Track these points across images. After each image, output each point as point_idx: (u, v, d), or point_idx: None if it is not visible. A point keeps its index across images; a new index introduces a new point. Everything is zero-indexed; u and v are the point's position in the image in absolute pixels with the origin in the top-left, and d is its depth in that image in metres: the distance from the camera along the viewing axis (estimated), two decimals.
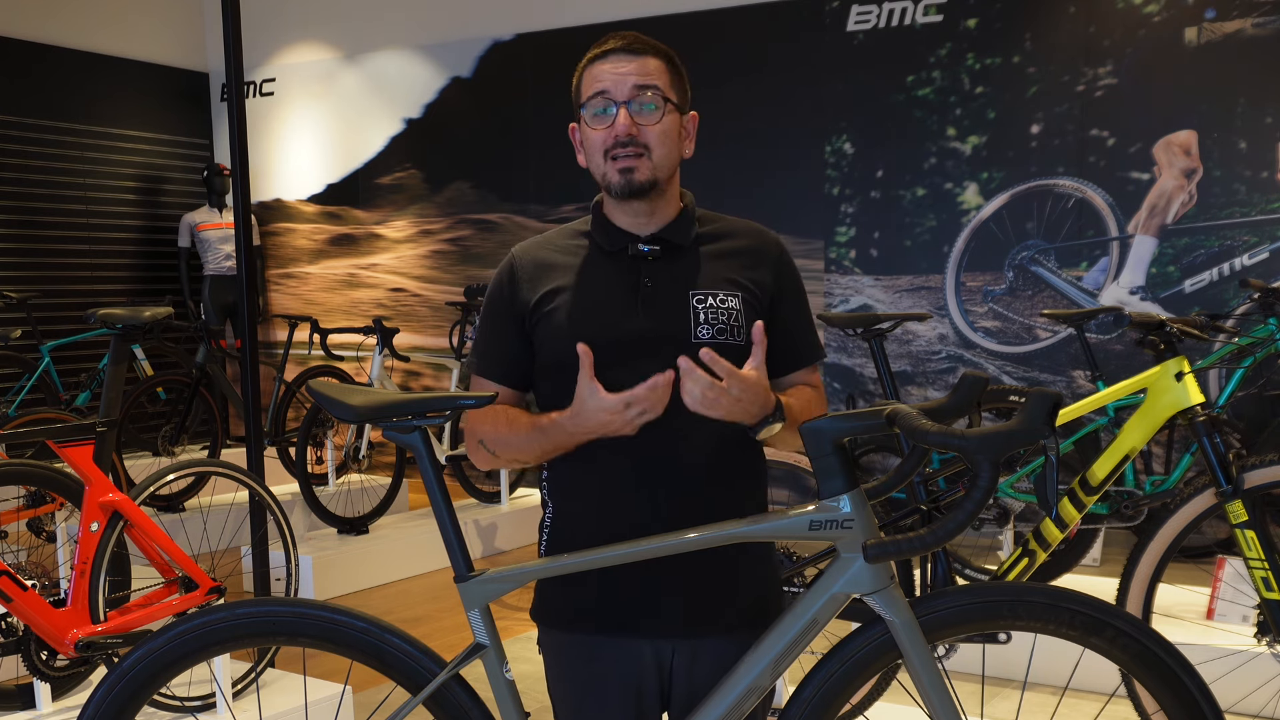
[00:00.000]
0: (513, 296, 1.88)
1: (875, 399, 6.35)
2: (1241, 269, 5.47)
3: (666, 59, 1.87)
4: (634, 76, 1.81)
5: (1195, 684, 1.61)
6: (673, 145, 1.85)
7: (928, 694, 1.66)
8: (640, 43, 1.85)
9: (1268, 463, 3.03)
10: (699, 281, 1.85)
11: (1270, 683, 3.50)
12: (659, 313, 1.82)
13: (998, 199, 6.01)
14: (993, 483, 1.46)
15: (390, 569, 5.77)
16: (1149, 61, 5.62)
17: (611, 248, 1.87)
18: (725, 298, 1.84)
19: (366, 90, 8.16)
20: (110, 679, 1.73)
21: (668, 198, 1.88)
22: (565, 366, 1.77)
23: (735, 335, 1.84)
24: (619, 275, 1.85)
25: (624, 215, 1.87)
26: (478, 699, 1.75)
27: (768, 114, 6.56)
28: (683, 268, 1.86)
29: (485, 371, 1.92)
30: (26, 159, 7.68)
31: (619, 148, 1.80)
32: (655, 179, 1.82)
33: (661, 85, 1.83)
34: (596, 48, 1.86)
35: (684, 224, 1.89)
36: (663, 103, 1.83)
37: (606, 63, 1.82)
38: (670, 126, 1.84)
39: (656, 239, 1.86)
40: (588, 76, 1.84)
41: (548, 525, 1.91)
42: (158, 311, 3.44)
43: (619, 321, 1.81)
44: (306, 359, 7.93)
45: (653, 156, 1.81)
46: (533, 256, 1.90)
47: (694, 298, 1.83)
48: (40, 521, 5.35)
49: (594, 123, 1.82)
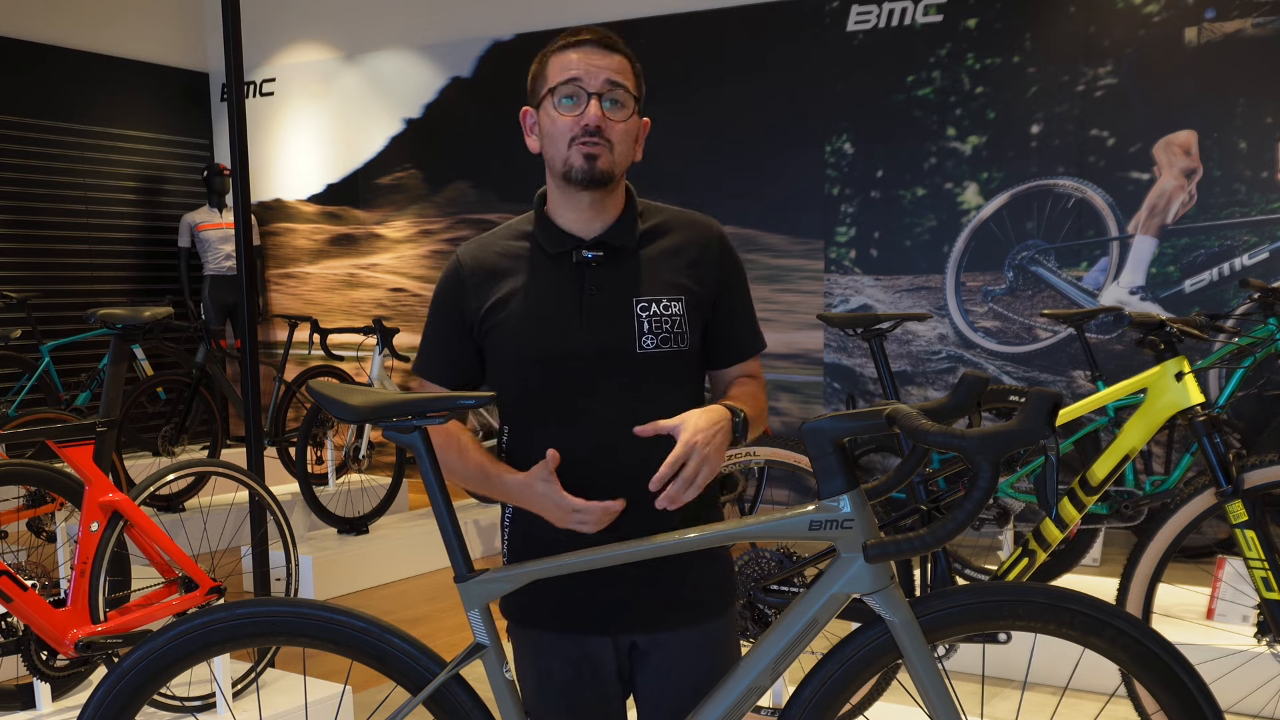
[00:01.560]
0: (460, 303, 1.90)
1: (875, 399, 6.35)
2: (1241, 269, 5.47)
3: (632, 61, 1.88)
4: (607, 72, 1.82)
5: (1195, 684, 1.61)
6: (630, 144, 1.87)
7: (928, 694, 1.66)
8: (612, 40, 1.86)
9: (1268, 463, 3.03)
10: (642, 288, 1.86)
11: (1270, 683, 3.50)
12: (604, 324, 1.84)
13: (998, 199, 6.01)
14: (993, 483, 1.46)
15: (390, 569, 5.77)
16: (1149, 61, 5.61)
17: (554, 250, 1.88)
18: (669, 303, 1.85)
19: (366, 90, 8.16)
20: (110, 679, 1.73)
21: (615, 196, 1.89)
22: (521, 375, 1.85)
23: (679, 342, 1.86)
24: (564, 284, 1.86)
25: (569, 212, 1.88)
26: (478, 699, 1.75)
27: (768, 114, 6.56)
28: (626, 273, 1.86)
29: (430, 374, 1.93)
30: (26, 159, 7.68)
31: (586, 135, 1.80)
32: (613, 172, 1.83)
33: (630, 85, 1.84)
34: (567, 38, 1.86)
35: (627, 225, 1.89)
36: (632, 102, 1.84)
37: (580, 52, 1.83)
38: (632, 127, 1.86)
39: (599, 243, 1.86)
40: (557, 62, 1.85)
41: (508, 524, 1.95)
42: (158, 311, 3.44)
43: (566, 334, 1.83)
44: (306, 359, 7.93)
45: (614, 152, 1.82)
46: (479, 261, 1.92)
47: (638, 305, 1.84)
48: (40, 521, 5.35)
49: (562, 109, 1.82)
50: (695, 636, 1.89)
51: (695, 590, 1.89)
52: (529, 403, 1.87)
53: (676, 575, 1.86)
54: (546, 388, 1.84)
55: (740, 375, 1.97)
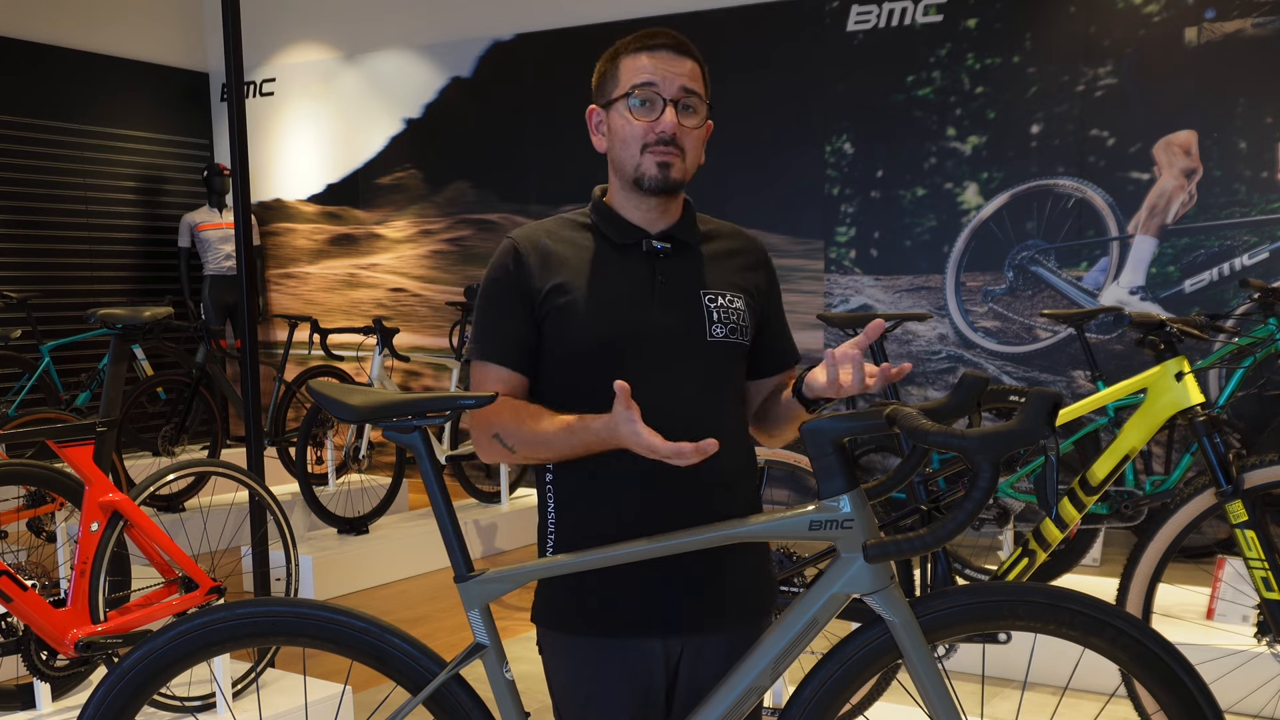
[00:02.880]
0: (520, 282, 1.82)
1: (875, 399, 6.33)
2: (1241, 269, 5.47)
3: (703, 65, 1.88)
4: (683, 78, 1.81)
5: (1195, 684, 1.61)
6: (700, 152, 1.88)
7: (928, 694, 1.66)
8: (686, 45, 1.85)
9: (1268, 463, 3.03)
10: (708, 281, 1.88)
11: (1270, 683, 3.50)
12: (675, 309, 1.83)
13: (998, 199, 6.01)
14: (993, 483, 1.46)
15: (390, 569, 5.77)
16: (1149, 61, 5.61)
17: (622, 241, 1.86)
18: (732, 298, 1.88)
19: (366, 90, 8.16)
20: (110, 679, 1.73)
21: (678, 199, 1.90)
22: (583, 358, 1.80)
23: (743, 335, 1.88)
24: (632, 270, 1.85)
25: (636, 210, 1.87)
26: (478, 699, 1.75)
27: (768, 114, 6.56)
28: (692, 266, 1.88)
29: (493, 356, 1.84)
30: (26, 159, 7.68)
31: (661, 144, 1.79)
32: (685, 180, 1.85)
33: (702, 92, 1.84)
34: (641, 39, 1.84)
35: (690, 223, 1.91)
36: (704, 109, 1.84)
37: (655, 56, 1.81)
38: (704, 134, 1.87)
39: (667, 236, 1.87)
40: (630, 64, 1.82)
41: (552, 530, 1.88)
42: (158, 311, 3.44)
43: (636, 316, 1.81)
44: (306, 359, 7.93)
45: (686, 159, 1.83)
46: (537, 244, 1.85)
47: (705, 296, 1.86)
48: (40, 521, 5.35)
49: (637, 113, 1.80)
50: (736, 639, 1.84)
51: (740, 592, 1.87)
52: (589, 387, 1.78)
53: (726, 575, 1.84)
54: (607, 371, 1.75)
55: (779, 385, 1.98)
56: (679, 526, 1.74)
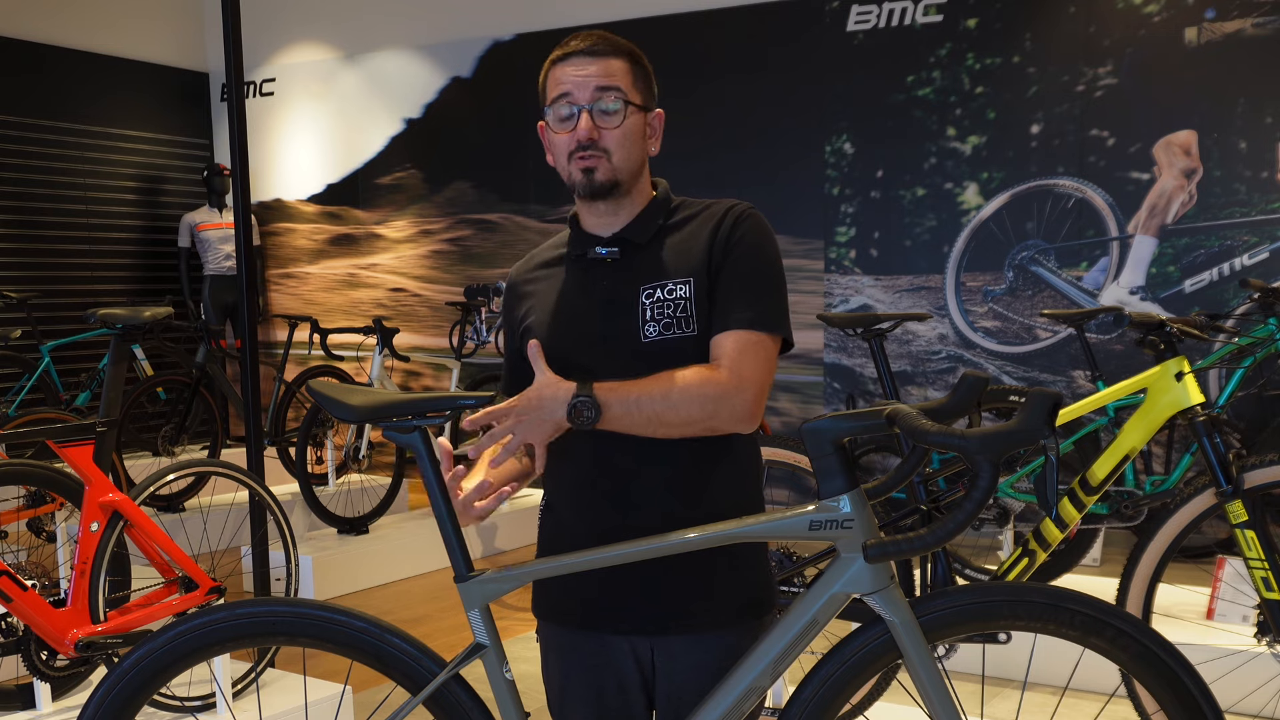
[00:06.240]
0: (509, 319, 1.97)
1: (875, 399, 6.35)
2: (1241, 269, 5.47)
3: (630, 58, 1.85)
4: (595, 79, 1.80)
5: (1195, 684, 1.61)
6: (634, 146, 1.83)
7: (928, 694, 1.66)
8: (604, 42, 1.83)
9: (1268, 463, 3.03)
10: (655, 274, 1.82)
11: (1270, 683, 3.50)
12: (613, 315, 1.82)
13: (998, 199, 6.01)
14: (993, 483, 1.46)
15: (390, 569, 5.77)
16: (1149, 61, 5.61)
17: (577, 253, 1.89)
18: (674, 287, 1.80)
19: (366, 90, 8.16)
20: (110, 679, 1.73)
21: (633, 196, 1.86)
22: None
23: (684, 326, 1.78)
24: (580, 282, 1.87)
25: (590, 216, 1.88)
26: (478, 699, 1.75)
27: (768, 114, 6.56)
28: (639, 264, 1.84)
29: (505, 389, 1.97)
30: (26, 159, 7.68)
31: (580, 150, 1.80)
32: (616, 180, 1.82)
33: (624, 86, 1.81)
34: (560, 48, 1.85)
35: (644, 220, 1.86)
36: (624, 105, 1.81)
37: (569, 64, 1.82)
38: (632, 128, 1.82)
39: (617, 239, 1.86)
40: (551, 78, 1.84)
41: (540, 522, 1.97)
42: (158, 311, 3.44)
43: (579, 328, 1.84)
44: (306, 359, 7.93)
45: (613, 159, 1.81)
46: (520, 277, 1.97)
47: (644, 294, 1.81)
48: (40, 521, 5.35)
49: (557, 126, 1.82)
50: (716, 644, 1.84)
51: (715, 597, 1.84)
52: None
53: (697, 578, 1.83)
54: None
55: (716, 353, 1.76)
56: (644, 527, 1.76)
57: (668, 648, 1.85)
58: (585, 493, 1.85)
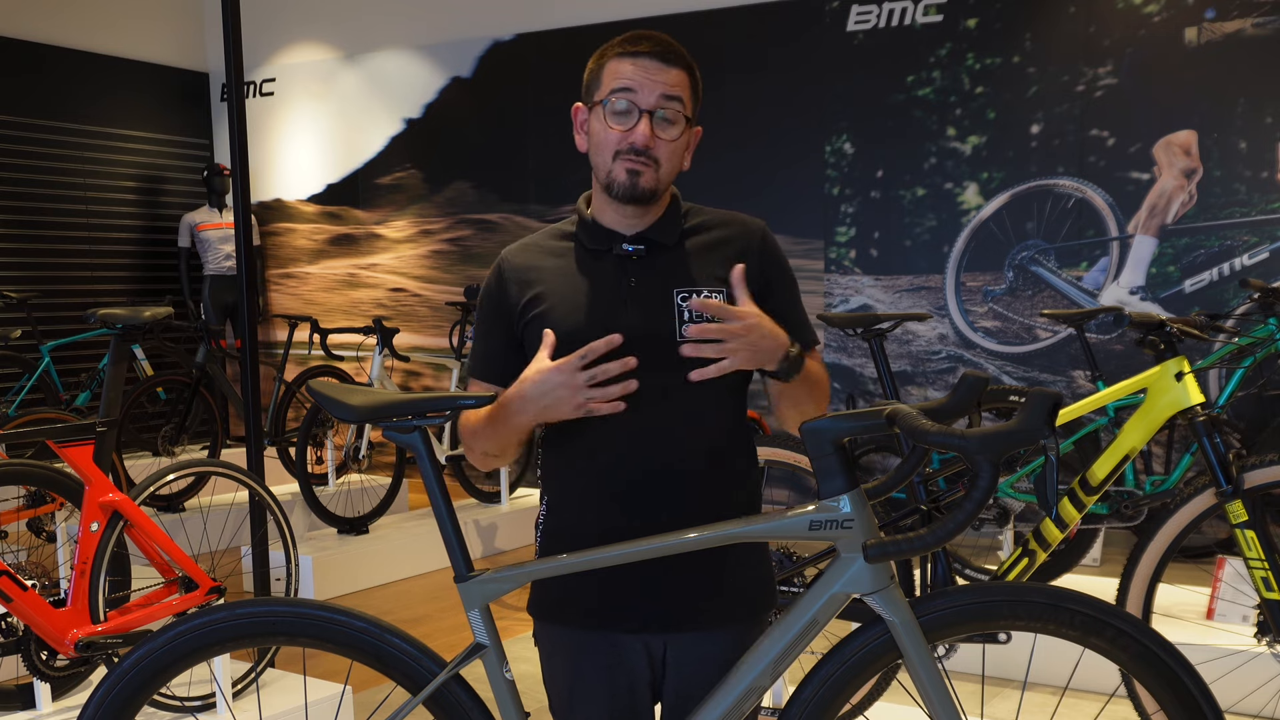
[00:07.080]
0: (501, 300, 1.90)
1: (875, 399, 6.35)
2: (1241, 269, 5.47)
3: (691, 72, 1.85)
4: (663, 86, 1.79)
5: (1195, 684, 1.61)
6: (679, 159, 1.85)
7: (928, 694, 1.65)
8: (673, 52, 1.82)
9: (1268, 463, 3.03)
10: (683, 279, 1.84)
11: (1270, 683, 3.50)
12: (644, 311, 1.82)
13: (998, 199, 6.01)
14: (993, 483, 1.46)
15: (390, 569, 5.77)
16: (1149, 61, 5.61)
17: (595, 246, 1.87)
18: (709, 294, 1.82)
19: (366, 90, 8.16)
20: (110, 679, 1.73)
21: (658, 204, 1.88)
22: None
23: None
24: (604, 274, 1.85)
25: (612, 214, 1.87)
26: (478, 699, 1.75)
27: (768, 114, 6.56)
28: (667, 265, 1.85)
29: (478, 373, 1.93)
30: (26, 159, 7.68)
31: (632, 153, 1.78)
32: (657, 190, 1.82)
33: (685, 100, 1.82)
34: (628, 43, 1.82)
35: (669, 222, 1.88)
36: (683, 120, 1.82)
37: (638, 63, 1.79)
38: (682, 144, 1.84)
39: (641, 238, 1.86)
40: (613, 69, 1.81)
41: (541, 523, 1.93)
42: (158, 311, 3.44)
43: (604, 320, 1.80)
44: (306, 359, 7.93)
45: (660, 170, 1.81)
46: (520, 259, 1.91)
47: (678, 295, 1.82)
48: (40, 521, 5.35)
49: (612, 120, 1.80)
50: (724, 641, 1.85)
51: (725, 593, 1.85)
52: None
53: (705, 575, 1.83)
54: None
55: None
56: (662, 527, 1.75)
57: (679, 643, 1.85)
58: (590, 494, 1.84)
